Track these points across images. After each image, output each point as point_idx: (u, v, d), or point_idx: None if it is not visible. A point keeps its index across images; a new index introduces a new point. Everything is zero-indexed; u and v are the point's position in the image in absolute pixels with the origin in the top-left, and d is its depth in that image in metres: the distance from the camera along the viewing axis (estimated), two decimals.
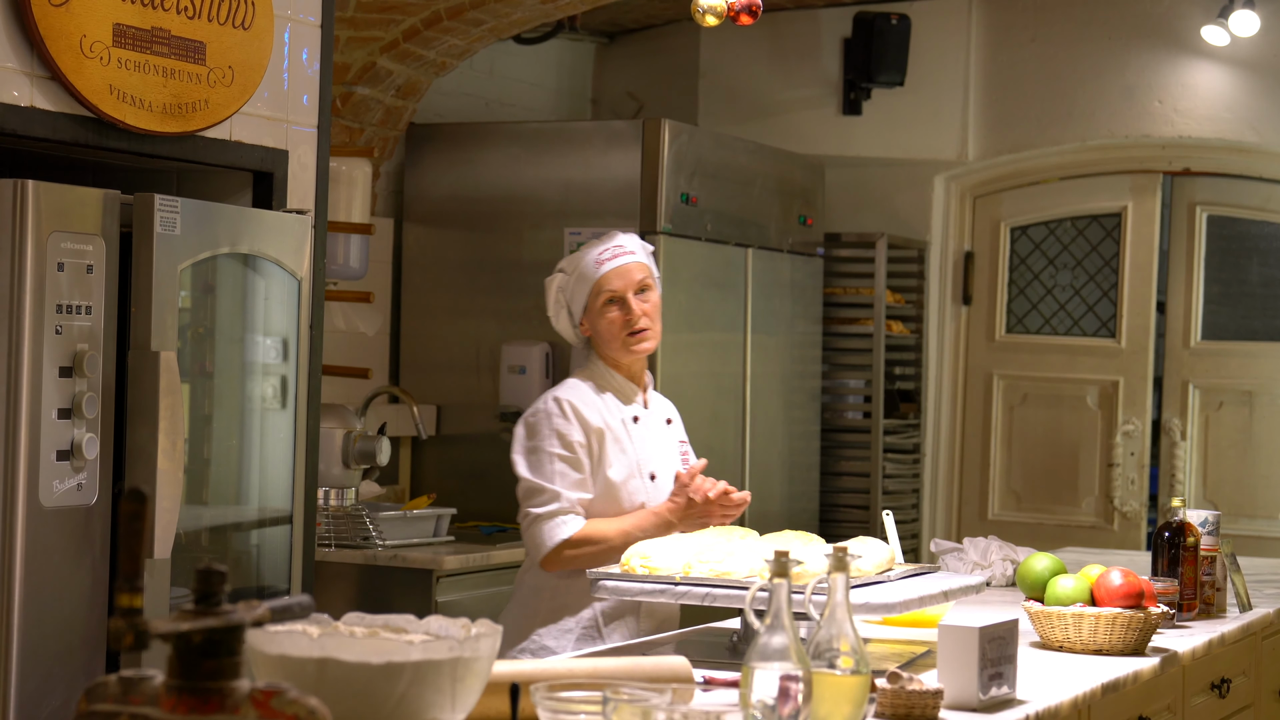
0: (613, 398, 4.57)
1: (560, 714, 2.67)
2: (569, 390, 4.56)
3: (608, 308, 4.54)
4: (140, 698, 2.15)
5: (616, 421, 4.53)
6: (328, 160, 5.18)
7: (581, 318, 4.60)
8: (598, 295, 4.55)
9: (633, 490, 4.50)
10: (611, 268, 4.55)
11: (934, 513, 8.47)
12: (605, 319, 4.54)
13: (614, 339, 4.54)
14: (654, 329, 4.57)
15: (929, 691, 3.20)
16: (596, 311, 4.56)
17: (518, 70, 8.04)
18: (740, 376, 7.28)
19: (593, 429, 4.48)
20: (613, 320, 4.54)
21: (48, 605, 4.17)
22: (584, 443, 4.45)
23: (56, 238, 4.15)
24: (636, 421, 4.58)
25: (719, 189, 7.11)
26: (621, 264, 4.56)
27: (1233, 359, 8.18)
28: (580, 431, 4.46)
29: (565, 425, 4.47)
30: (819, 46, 8.30)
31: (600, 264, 4.56)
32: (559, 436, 4.46)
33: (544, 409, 4.53)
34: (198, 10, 4.65)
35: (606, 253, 4.57)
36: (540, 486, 4.43)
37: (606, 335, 4.56)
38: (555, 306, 4.66)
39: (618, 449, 4.50)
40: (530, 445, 4.50)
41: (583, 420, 4.48)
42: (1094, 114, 8.11)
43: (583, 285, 4.58)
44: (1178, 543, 4.59)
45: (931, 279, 8.45)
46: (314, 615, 2.57)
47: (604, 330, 4.55)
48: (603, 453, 4.48)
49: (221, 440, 4.81)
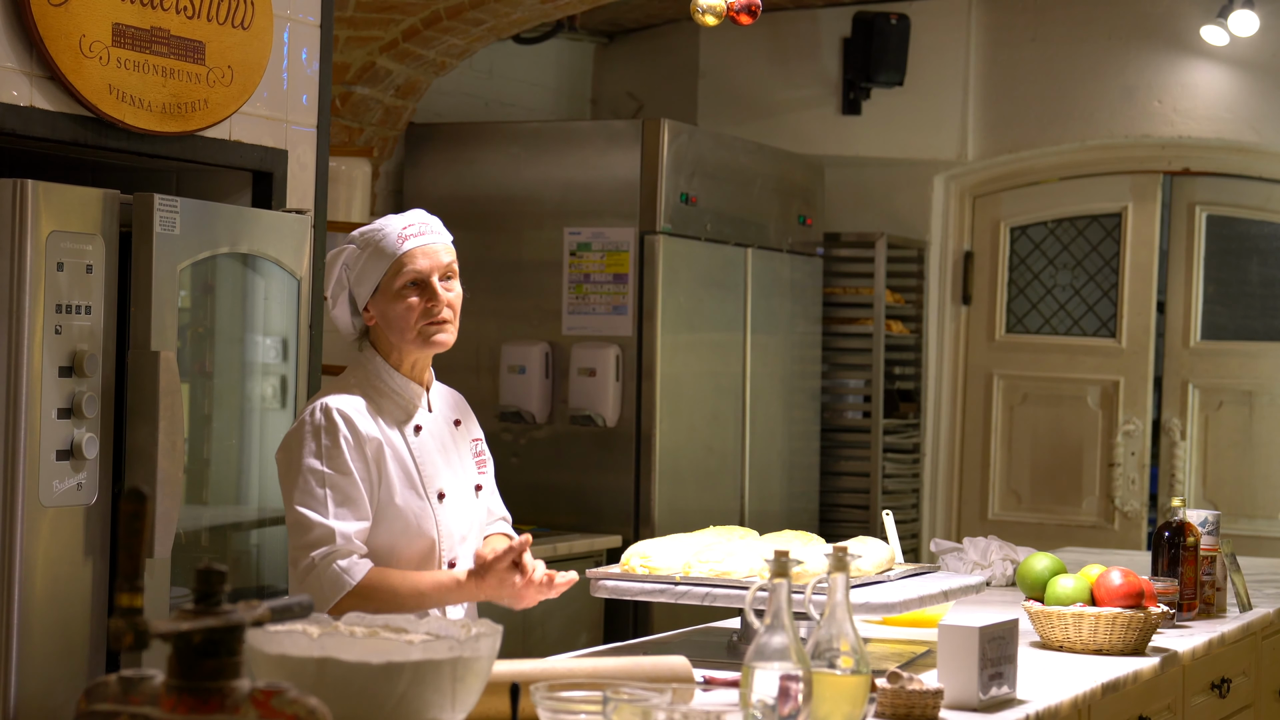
0: (391, 404, 3.80)
1: (560, 714, 2.67)
2: (338, 398, 3.74)
3: (407, 291, 3.75)
4: (140, 697, 2.15)
5: (396, 434, 3.77)
6: (327, 160, 5.18)
7: (369, 302, 3.79)
8: (396, 275, 3.74)
9: (418, 513, 3.75)
10: (418, 245, 3.78)
11: (934, 513, 8.47)
12: (403, 303, 3.75)
13: (409, 328, 3.75)
14: (454, 324, 3.81)
15: (929, 691, 3.20)
16: (392, 294, 3.75)
17: (517, 70, 8.04)
18: (740, 376, 7.28)
19: (368, 441, 3.71)
20: (411, 306, 3.75)
21: (48, 605, 4.17)
22: (360, 461, 3.69)
23: (56, 237, 4.15)
24: (419, 432, 3.81)
25: (718, 189, 7.11)
26: (429, 243, 3.80)
27: (1232, 359, 8.18)
28: (354, 446, 3.69)
29: (335, 439, 3.67)
30: (818, 46, 8.30)
31: (404, 239, 3.77)
32: (328, 455, 3.67)
33: (311, 422, 3.71)
34: (197, 10, 4.65)
35: (412, 228, 3.79)
36: (310, 521, 3.64)
37: (400, 324, 3.76)
38: (336, 287, 3.81)
39: (398, 467, 3.74)
40: (296, 466, 3.69)
41: (356, 432, 3.70)
42: (1094, 114, 8.11)
43: (378, 262, 3.76)
44: (1178, 542, 4.59)
45: (931, 279, 8.45)
46: (314, 615, 2.57)
47: (397, 317, 3.76)
48: (383, 471, 3.72)
49: (221, 440, 4.81)
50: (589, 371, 6.78)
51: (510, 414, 6.88)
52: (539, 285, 6.95)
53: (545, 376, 6.86)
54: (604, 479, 6.83)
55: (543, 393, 6.87)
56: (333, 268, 3.82)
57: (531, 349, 6.87)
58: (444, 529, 3.78)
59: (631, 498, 6.79)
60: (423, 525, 3.75)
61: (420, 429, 3.81)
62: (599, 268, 6.81)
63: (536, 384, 6.85)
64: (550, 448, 6.92)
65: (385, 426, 3.75)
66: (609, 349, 6.75)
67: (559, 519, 6.81)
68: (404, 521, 3.72)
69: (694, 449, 7.00)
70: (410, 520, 3.73)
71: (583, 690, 2.72)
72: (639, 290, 6.76)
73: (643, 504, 6.76)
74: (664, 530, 6.35)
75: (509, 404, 6.89)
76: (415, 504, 3.74)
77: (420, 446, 3.79)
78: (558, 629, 6.41)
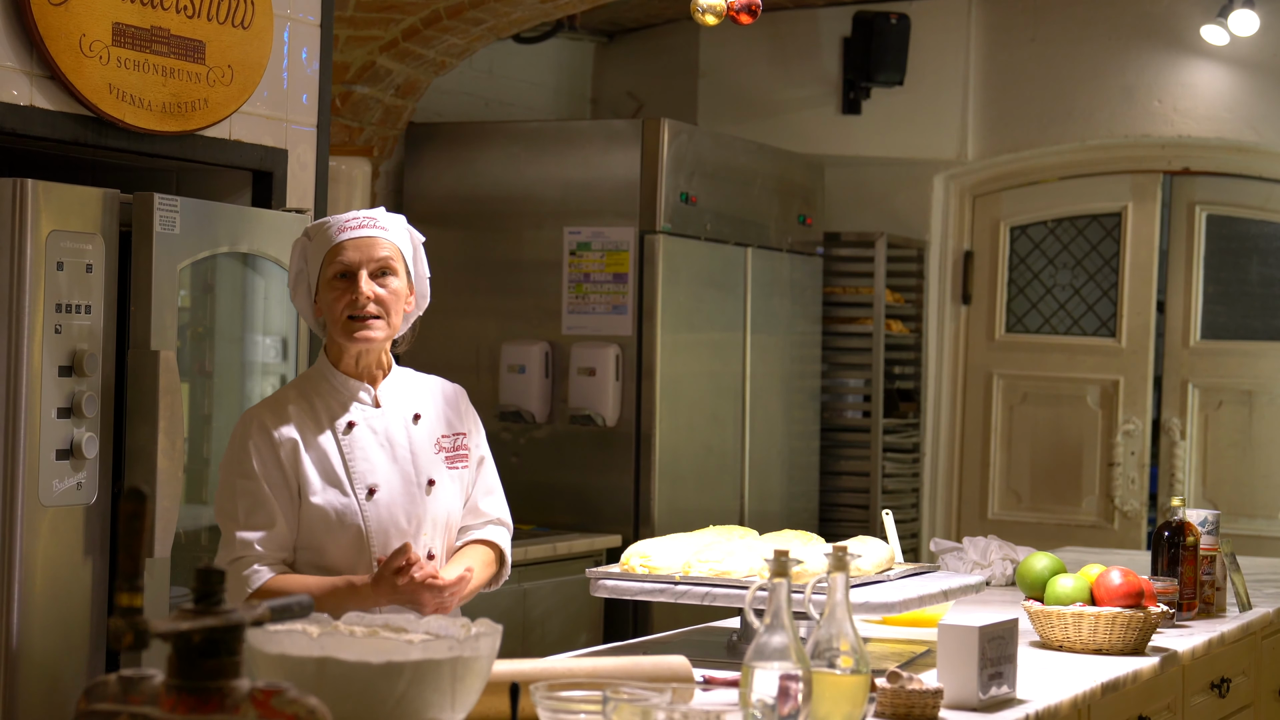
0: (325, 401, 3.79)
1: (560, 713, 2.67)
2: (264, 402, 3.83)
3: (336, 283, 3.74)
4: (140, 697, 2.15)
5: (325, 432, 3.77)
6: (327, 159, 5.18)
7: (316, 295, 3.80)
8: (328, 266, 3.75)
9: (340, 510, 3.73)
10: (349, 237, 3.75)
11: (934, 512, 8.47)
12: (331, 294, 3.74)
13: (334, 321, 3.75)
14: (386, 321, 3.76)
15: (929, 691, 3.20)
16: (324, 286, 3.76)
17: (517, 69, 8.04)
18: (740, 376, 7.28)
19: (282, 444, 3.73)
20: (335, 299, 3.74)
21: (47, 604, 4.18)
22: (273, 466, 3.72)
23: (56, 237, 4.15)
24: (351, 429, 3.78)
25: (718, 188, 7.11)
26: (363, 235, 3.76)
27: (1232, 358, 8.18)
28: (270, 454, 3.71)
29: (245, 448, 3.72)
30: (818, 46, 8.30)
31: (341, 230, 3.76)
32: (239, 464, 3.72)
33: (239, 431, 3.78)
34: (197, 9, 4.65)
35: (355, 220, 3.78)
36: (225, 531, 3.72)
37: (328, 316, 3.76)
38: (296, 279, 3.85)
39: (319, 465, 3.74)
40: (224, 472, 3.77)
41: (268, 437, 3.72)
42: (1093, 114, 8.11)
43: (317, 254, 3.78)
44: (1177, 542, 4.59)
45: (931, 278, 8.45)
46: (313, 615, 2.57)
47: (326, 309, 3.76)
48: (299, 471, 3.73)
49: (221, 439, 4.81)
50: (589, 371, 6.78)
51: (510, 413, 6.88)
52: (539, 285, 6.94)
53: (545, 376, 6.86)
54: (604, 479, 6.83)
55: (542, 392, 6.87)
56: (291, 259, 3.85)
57: (531, 348, 6.87)
58: (374, 524, 3.75)
59: (631, 497, 6.79)
60: (346, 521, 3.73)
61: (354, 425, 3.79)
62: (599, 267, 6.81)
63: (536, 383, 6.85)
64: (550, 447, 6.92)
65: (310, 426, 3.76)
66: (609, 348, 6.75)
67: (559, 518, 6.81)
68: (325, 518, 3.72)
69: (694, 448, 7.00)
70: (331, 516, 3.72)
71: (582, 690, 2.72)
72: (639, 290, 6.76)
73: (642, 503, 6.76)
74: (664, 530, 6.35)
75: (509, 403, 6.89)
76: (338, 500, 3.73)
77: (351, 443, 3.78)
78: (557, 629, 6.41)
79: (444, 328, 7.00)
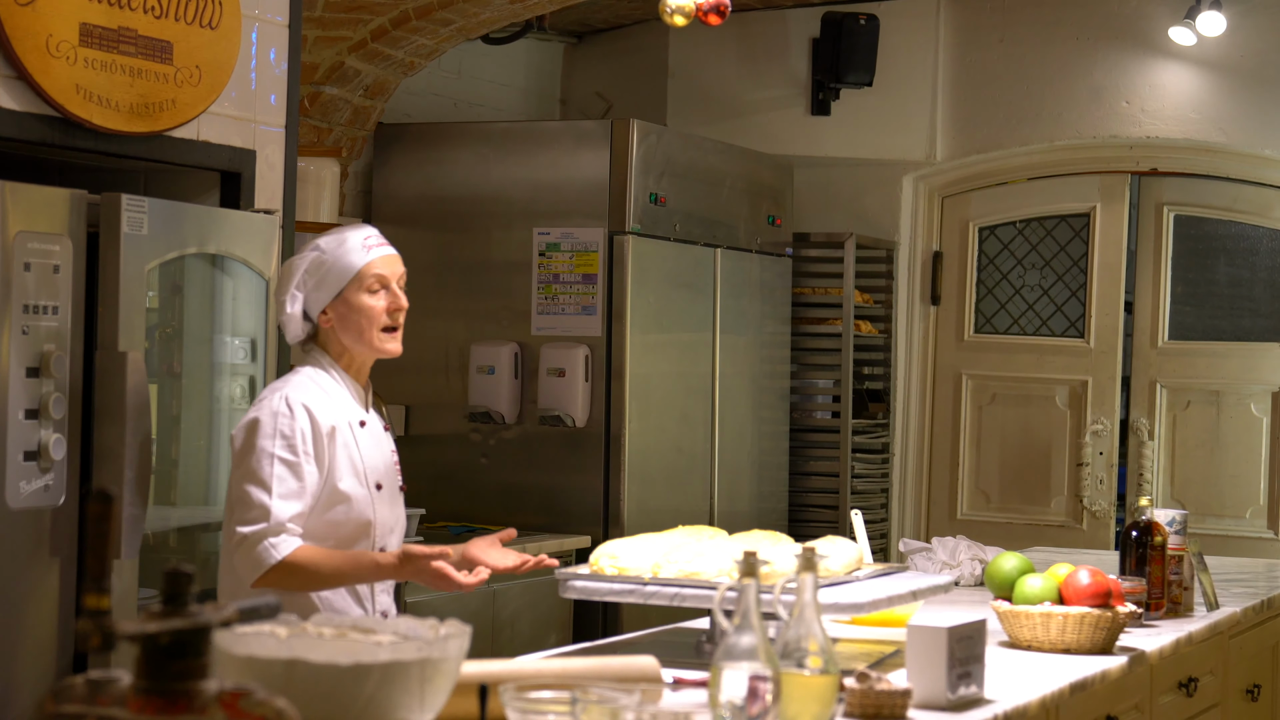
0: (340, 400, 4.05)
1: (529, 714, 2.67)
2: (298, 388, 4.00)
3: (374, 294, 4.04)
4: (107, 699, 2.15)
5: (344, 424, 4.03)
6: (295, 160, 5.17)
7: (328, 305, 4.04)
8: (363, 279, 4.02)
9: (360, 500, 4.02)
10: (380, 255, 4.06)
11: (903, 512, 8.48)
12: (366, 305, 4.02)
13: (369, 329, 4.03)
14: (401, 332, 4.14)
15: (897, 691, 3.20)
16: (357, 298, 4.03)
17: (486, 70, 8.04)
18: (709, 376, 7.28)
19: (326, 430, 3.97)
20: (372, 308, 4.03)
21: (14, 606, 4.16)
22: (309, 449, 3.94)
23: (23, 238, 4.13)
24: (364, 426, 4.08)
25: (688, 189, 7.11)
26: (389, 254, 4.10)
27: (1200, 359, 8.20)
28: (309, 434, 3.95)
29: (293, 429, 3.93)
30: (787, 47, 8.31)
31: (369, 248, 4.05)
32: (284, 443, 3.92)
33: (271, 410, 3.96)
34: (165, 10, 4.64)
35: (373, 239, 4.08)
36: (251, 500, 3.88)
37: (360, 324, 4.03)
38: (295, 288, 4.04)
39: (346, 455, 4.01)
40: (251, 448, 3.92)
41: (315, 423, 3.96)
42: (1062, 114, 8.13)
43: (343, 268, 4.02)
44: (1145, 542, 4.61)
45: (900, 279, 8.46)
46: (282, 616, 2.56)
47: (359, 318, 4.03)
48: (333, 458, 3.98)
49: (189, 441, 4.80)
50: (558, 372, 6.77)
51: (479, 414, 6.88)
52: (508, 286, 6.94)
53: (514, 377, 6.86)
54: (573, 479, 6.83)
55: (512, 393, 6.87)
56: (293, 272, 4.05)
57: (500, 349, 6.87)
58: (379, 517, 4.06)
59: (601, 498, 6.79)
60: (363, 511, 4.02)
61: (365, 424, 4.09)
62: (568, 268, 6.81)
63: (506, 384, 6.85)
64: (519, 448, 6.92)
65: (338, 417, 4.01)
66: (578, 349, 6.75)
67: (528, 519, 6.80)
68: (347, 505, 3.99)
69: (663, 449, 7.00)
70: (354, 504, 4.00)
71: (551, 691, 2.72)
72: (608, 290, 6.76)
73: (612, 504, 6.76)
74: (633, 530, 6.35)
75: (478, 404, 6.88)
76: (358, 490, 4.01)
77: (364, 440, 4.07)
78: (527, 629, 6.41)
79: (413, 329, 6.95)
